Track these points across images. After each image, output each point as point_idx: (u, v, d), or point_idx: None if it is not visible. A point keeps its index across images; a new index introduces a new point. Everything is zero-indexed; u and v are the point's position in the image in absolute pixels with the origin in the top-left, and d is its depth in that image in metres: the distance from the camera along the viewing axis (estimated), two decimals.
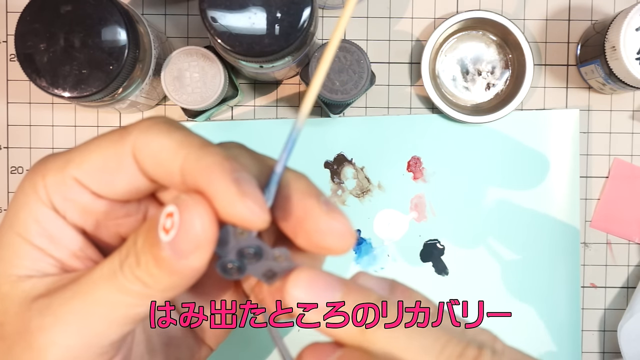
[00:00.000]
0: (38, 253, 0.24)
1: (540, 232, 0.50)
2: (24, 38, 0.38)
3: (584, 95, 0.51)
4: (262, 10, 0.38)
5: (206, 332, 0.28)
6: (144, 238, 0.22)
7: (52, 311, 0.22)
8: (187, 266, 0.21)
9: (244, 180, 0.21)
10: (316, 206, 0.23)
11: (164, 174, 0.23)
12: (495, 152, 0.50)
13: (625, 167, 0.51)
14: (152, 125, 0.23)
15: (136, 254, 0.22)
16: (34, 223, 0.24)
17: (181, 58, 0.44)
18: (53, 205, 0.24)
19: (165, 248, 0.21)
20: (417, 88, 0.51)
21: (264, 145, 0.50)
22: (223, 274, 0.23)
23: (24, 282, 0.23)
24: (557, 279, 0.50)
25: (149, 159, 0.23)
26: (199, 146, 0.22)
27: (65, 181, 0.24)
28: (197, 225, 0.21)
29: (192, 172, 0.22)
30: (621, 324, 0.49)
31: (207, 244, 0.21)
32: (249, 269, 0.23)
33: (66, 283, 0.23)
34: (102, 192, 0.24)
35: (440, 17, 0.51)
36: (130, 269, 0.22)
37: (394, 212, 0.51)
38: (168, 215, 0.21)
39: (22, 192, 0.24)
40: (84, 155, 0.24)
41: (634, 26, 0.43)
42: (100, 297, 0.22)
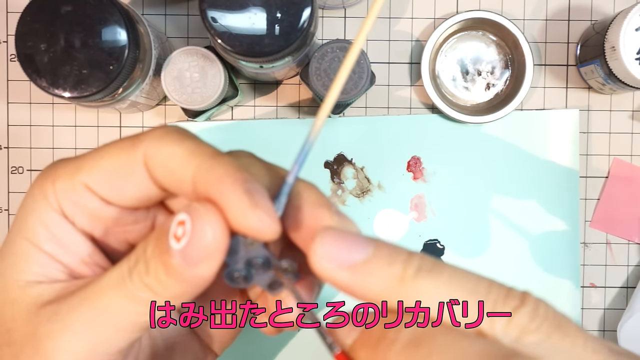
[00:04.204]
0: (47, 258, 0.24)
1: (539, 231, 0.50)
2: (24, 38, 0.38)
3: (583, 95, 0.51)
4: (262, 10, 0.38)
5: (211, 337, 0.28)
6: (154, 245, 0.22)
7: (60, 318, 0.22)
8: (196, 274, 0.21)
9: (255, 191, 0.21)
10: (328, 217, 0.23)
11: (176, 182, 0.23)
12: (495, 152, 0.50)
13: (625, 167, 0.51)
14: (164, 134, 0.23)
15: (145, 261, 0.22)
16: (43, 228, 0.24)
17: (181, 58, 0.44)
18: (62, 211, 0.24)
19: (176, 256, 0.21)
20: (417, 88, 0.51)
21: (264, 145, 0.50)
22: (230, 283, 0.23)
23: (33, 287, 0.23)
24: (557, 279, 0.50)
25: (161, 167, 0.23)
26: (211, 155, 0.22)
27: (75, 187, 0.24)
28: (209, 235, 0.21)
29: (204, 182, 0.22)
30: (621, 324, 0.49)
31: (217, 253, 0.21)
32: (256, 279, 0.23)
33: (74, 290, 0.23)
34: (112, 199, 0.24)
35: (440, 17, 0.51)
36: (139, 276, 0.22)
37: (394, 212, 0.51)
38: (179, 223, 0.21)
39: (31, 197, 0.24)
40: (94, 161, 0.24)
41: (634, 26, 0.43)
42: (109, 304, 0.22)
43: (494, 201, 0.51)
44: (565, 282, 0.50)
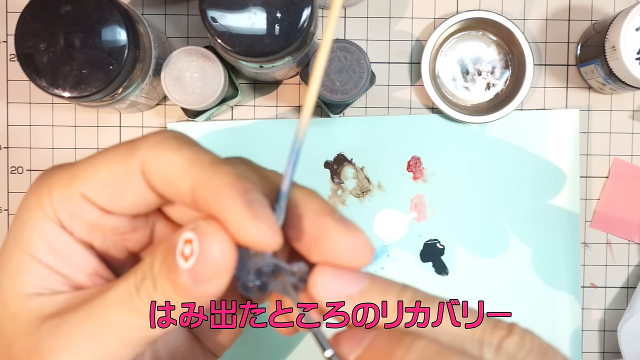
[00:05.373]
0: (45, 270, 0.23)
1: (540, 232, 0.50)
2: (24, 38, 0.38)
3: (584, 95, 0.51)
4: (262, 10, 0.38)
5: (211, 339, 0.28)
6: (161, 262, 0.22)
7: (64, 332, 0.22)
8: (205, 292, 0.21)
9: (255, 201, 0.21)
10: (332, 225, 0.22)
11: (174, 192, 0.23)
12: (495, 152, 0.50)
13: (625, 167, 0.51)
14: (161, 140, 0.23)
15: (153, 277, 0.22)
16: (40, 239, 0.23)
17: (181, 58, 0.44)
18: (60, 222, 0.23)
19: (184, 274, 0.21)
20: (417, 88, 0.51)
21: (264, 145, 0.50)
22: (246, 293, 0.23)
23: (33, 300, 0.23)
24: (557, 279, 0.50)
25: (159, 176, 0.23)
26: (210, 164, 0.22)
27: (72, 197, 0.23)
28: (217, 254, 0.21)
29: (203, 193, 0.21)
30: (621, 324, 0.49)
31: (226, 271, 0.21)
32: (271, 286, 0.23)
33: (78, 303, 0.23)
34: (110, 208, 0.24)
35: (440, 17, 0.51)
36: (146, 293, 0.22)
37: (394, 212, 0.51)
38: (187, 241, 0.21)
39: (27, 208, 0.24)
40: (90, 170, 0.23)
41: (634, 26, 0.43)
42: (115, 319, 0.22)
43: (494, 201, 0.50)
44: (565, 282, 0.50)
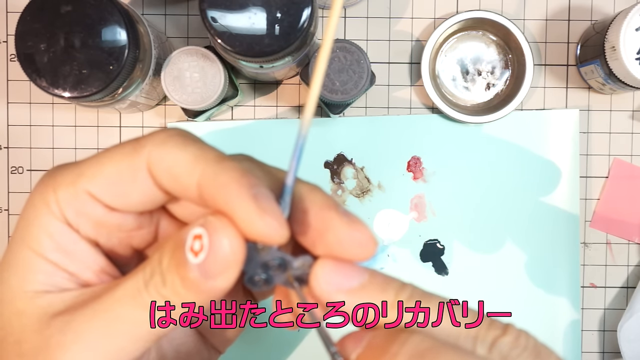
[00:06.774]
0: (52, 267, 0.24)
1: (540, 232, 0.50)
2: (24, 38, 0.38)
3: (583, 95, 0.51)
4: (262, 10, 0.38)
5: (215, 336, 0.28)
6: (170, 257, 0.22)
7: (73, 328, 0.22)
8: (214, 287, 0.22)
9: (262, 196, 0.21)
10: (336, 218, 0.23)
11: (180, 188, 0.23)
12: (495, 152, 0.50)
13: (625, 167, 0.51)
14: (167, 138, 0.23)
15: (162, 273, 0.22)
16: (47, 237, 0.23)
17: (181, 58, 0.44)
18: (66, 220, 0.24)
19: (194, 269, 0.21)
20: (417, 88, 0.51)
21: (264, 145, 0.50)
22: (252, 287, 0.23)
23: (41, 297, 0.23)
24: (557, 279, 0.50)
25: (165, 173, 0.23)
26: (216, 160, 0.22)
27: (78, 195, 0.23)
28: (227, 248, 0.21)
29: (210, 189, 0.22)
30: (621, 324, 0.49)
31: (236, 265, 0.21)
32: (277, 280, 0.23)
33: (87, 299, 0.23)
34: (116, 205, 0.24)
35: (440, 17, 0.51)
36: (155, 288, 0.22)
37: (394, 212, 0.51)
38: (196, 237, 0.21)
39: (32, 206, 0.24)
40: (96, 168, 0.23)
41: (634, 26, 0.43)
42: (124, 315, 0.22)
43: (494, 201, 0.50)
44: (565, 282, 0.50)
